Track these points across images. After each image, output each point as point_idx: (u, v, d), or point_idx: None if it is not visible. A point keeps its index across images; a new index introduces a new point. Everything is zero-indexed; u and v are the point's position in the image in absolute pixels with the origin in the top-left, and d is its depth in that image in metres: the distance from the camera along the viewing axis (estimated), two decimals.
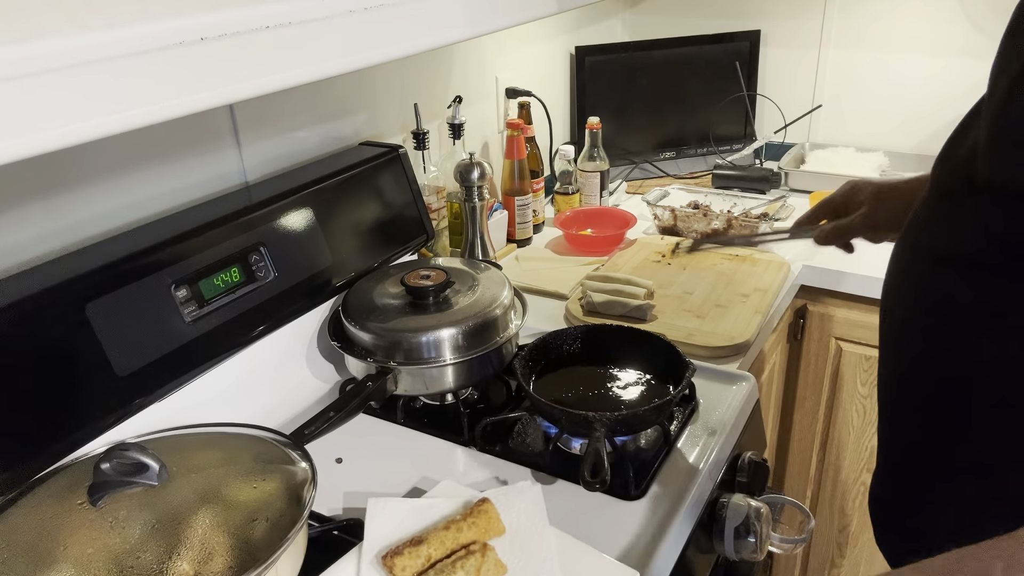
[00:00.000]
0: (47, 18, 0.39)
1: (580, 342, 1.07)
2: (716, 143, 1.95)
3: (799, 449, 1.66)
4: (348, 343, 1.04)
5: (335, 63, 0.58)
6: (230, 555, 0.66)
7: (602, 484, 0.82)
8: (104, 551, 0.64)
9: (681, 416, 1.01)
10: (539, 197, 1.64)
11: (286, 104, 1.15)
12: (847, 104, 1.91)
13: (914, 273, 0.74)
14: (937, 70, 1.76)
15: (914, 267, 0.75)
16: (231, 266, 0.96)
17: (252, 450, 0.78)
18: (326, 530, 0.82)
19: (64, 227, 0.90)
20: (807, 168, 1.82)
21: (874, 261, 1.46)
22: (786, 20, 1.93)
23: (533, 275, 1.44)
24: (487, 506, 0.78)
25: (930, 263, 0.72)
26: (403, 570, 0.72)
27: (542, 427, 0.99)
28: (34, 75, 0.39)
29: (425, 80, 1.43)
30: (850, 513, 1.63)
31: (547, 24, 1.79)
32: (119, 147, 0.94)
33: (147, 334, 0.87)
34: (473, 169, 1.27)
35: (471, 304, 1.03)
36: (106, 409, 0.82)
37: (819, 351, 1.54)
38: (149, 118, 0.45)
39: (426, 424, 1.02)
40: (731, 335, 1.19)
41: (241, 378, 1.01)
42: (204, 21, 0.47)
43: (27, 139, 0.40)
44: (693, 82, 1.95)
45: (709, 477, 0.92)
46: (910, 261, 0.76)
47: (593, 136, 1.67)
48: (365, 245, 1.16)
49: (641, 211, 1.66)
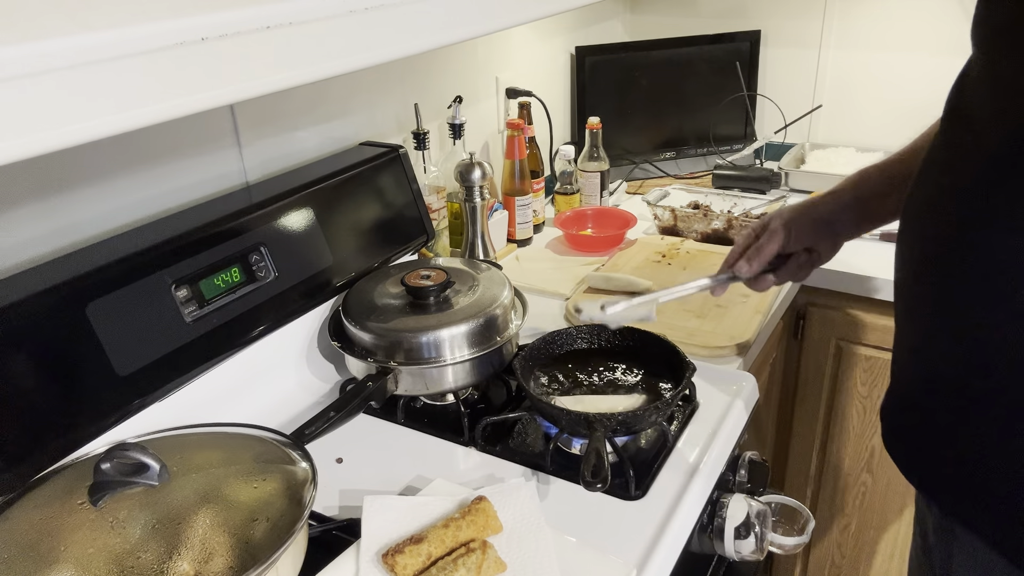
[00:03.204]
0: (47, 18, 0.39)
1: (581, 342, 1.07)
2: (716, 143, 1.95)
3: (799, 449, 1.66)
4: (348, 343, 1.04)
5: (335, 63, 0.58)
6: (230, 555, 0.66)
7: (602, 484, 0.82)
8: (104, 551, 0.64)
9: (681, 416, 1.01)
10: (539, 197, 1.64)
11: (286, 104, 1.15)
12: (847, 104, 1.91)
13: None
14: (937, 70, 1.76)
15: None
16: (231, 266, 0.96)
17: (252, 450, 0.78)
18: (326, 530, 0.82)
19: (64, 227, 0.90)
20: (807, 168, 1.82)
21: (874, 261, 1.46)
22: (786, 20, 1.93)
23: (533, 275, 1.44)
24: (484, 504, 0.78)
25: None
26: (404, 568, 0.72)
27: (542, 427, 0.99)
28: (34, 75, 0.39)
29: (425, 80, 1.43)
30: (850, 513, 1.63)
31: (547, 24, 1.79)
32: (119, 147, 0.94)
33: (147, 334, 0.87)
34: (473, 169, 1.27)
35: (471, 304, 1.03)
36: (106, 409, 0.82)
37: (819, 351, 1.54)
38: (149, 118, 0.45)
39: (426, 424, 1.02)
40: (731, 335, 1.19)
41: (241, 378, 1.01)
42: (205, 21, 0.47)
43: (27, 139, 0.40)
44: (693, 82, 1.95)
45: (709, 477, 0.92)
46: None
47: (593, 136, 1.67)
48: (365, 245, 1.17)
49: (641, 211, 1.66)
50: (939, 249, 0.73)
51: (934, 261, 0.73)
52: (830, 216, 0.97)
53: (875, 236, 1.54)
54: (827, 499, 1.65)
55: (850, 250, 1.50)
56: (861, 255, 1.48)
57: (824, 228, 0.97)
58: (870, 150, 1.81)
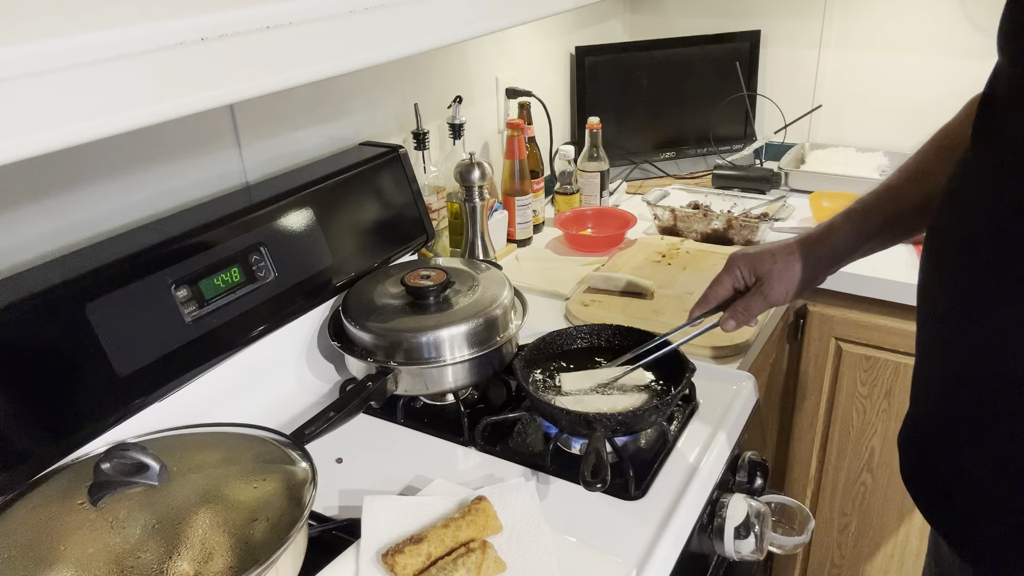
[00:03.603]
0: (47, 18, 0.39)
1: (580, 342, 1.07)
2: (716, 143, 1.95)
3: (799, 449, 1.66)
4: (348, 343, 1.04)
5: (335, 63, 0.58)
6: (230, 555, 0.66)
7: (602, 484, 0.82)
8: (104, 551, 0.64)
9: (681, 416, 1.01)
10: (539, 197, 1.64)
11: (286, 104, 1.15)
12: (847, 104, 1.91)
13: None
14: (937, 70, 1.76)
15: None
16: (231, 266, 0.96)
17: (252, 450, 0.78)
18: (326, 530, 0.82)
19: (64, 227, 0.90)
20: (807, 168, 1.82)
21: (874, 261, 1.46)
22: (786, 20, 1.93)
23: (533, 275, 1.44)
24: (484, 504, 0.78)
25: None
26: (404, 568, 0.72)
27: (542, 427, 0.99)
28: (34, 75, 0.39)
29: (425, 80, 1.43)
30: (850, 513, 1.63)
31: (547, 24, 1.79)
32: (119, 147, 0.94)
33: (147, 334, 0.87)
34: (473, 169, 1.27)
35: (471, 304, 1.03)
36: (106, 409, 0.82)
37: (819, 351, 1.54)
38: (149, 118, 0.45)
39: (426, 424, 1.02)
40: (731, 335, 1.19)
41: (241, 378, 1.01)
42: (204, 21, 0.47)
43: (27, 139, 0.40)
44: (693, 82, 1.95)
45: (709, 477, 0.92)
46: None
47: (593, 136, 1.67)
48: (365, 245, 1.17)
49: (641, 211, 1.66)
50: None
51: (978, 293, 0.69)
52: (785, 249, 0.95)
53: None
54: (827, 499, 1.65)
55: None
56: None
57: (768, 258, 0.95)
58: (870, 150, 1.81)
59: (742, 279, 0.97)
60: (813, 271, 0.95)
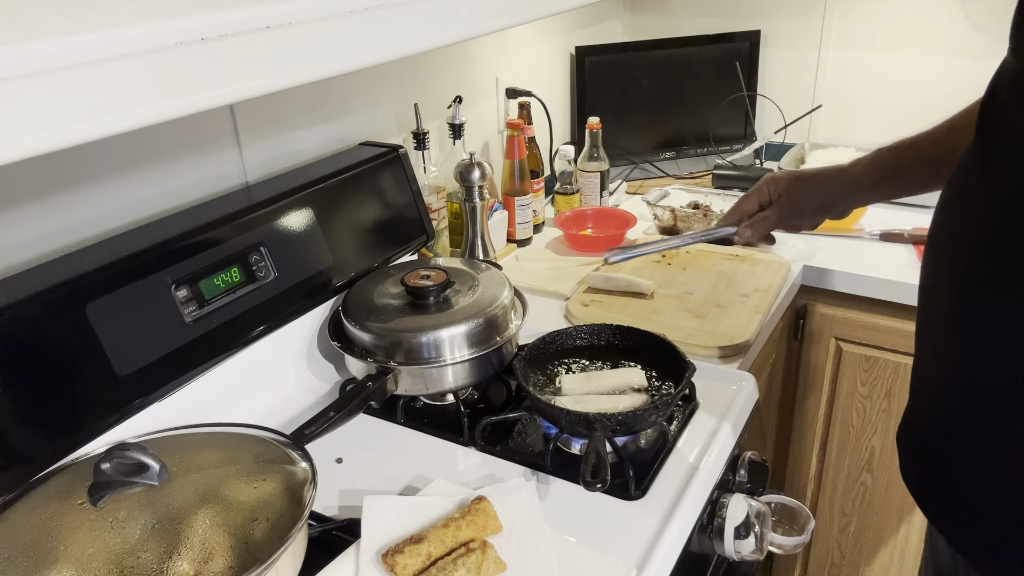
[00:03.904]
0: (47, 18, 0.39)
1: (580, 342, 1.07)
2: (716, 143, 1.95)
3: (799, 449, 1.66)
4: (348, 343, 1.04)
5: (335, 63, 0.58)
6: (230, 555, 0.66)
7: (602, 484, 0.82)
8: (104, 551, 0.64)
9: (681, 416, 1.01)
10: (539, 197, 1.64)
11: (286, 104, 1.15)
12: (847, 104, 1.91)
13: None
14: (937, 70, 1.76)
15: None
16: (231, 266, 0.96)
17: (252, 450, 0.78)
18: (326, 530, 0.82)
19: (64, 227, 0.90)
20: (807, 168, 1.82)
21: (874, 261, 1.46)
22: (786, 20, 1.93)
23: (533, 275, 1.44)
24: (484, 504, 0.78)
25: None
26: (404, 568, 0.72)
27: (542, 427, 0.99)
28: (34, 75, 0.39)
29: (425, 80, 1.43)
30: (850, 513, 1.63)
31: (547, 24, 1.79)
32: (119, 147, 0.94)
33: (147, 334, 0.87)
34: (473, 169, 1.27)
35: (471, 304, 1.03)
36: (106, 409, 0.82)
37: (819, 351, 1.54)
38: (149, 118, 0.45)
39: (426, 424, 1.02)
40: (731, 335, 1.19)
41: (241, 378, 1.01)
42: (204, 21, 0.47)
43: (27, 139, 0.40)
44: (693, 82, 1.95)
45: (709, 477, 0.92)
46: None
47: (593, 136, 1.67)
48: (365, 245, 1.17)
49: (641, 211, 1.66)
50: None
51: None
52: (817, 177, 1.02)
53: (875, 236, 1.54)
54: (827, 499, 1.65)
55: (850, 250, 1.51)
56: (861, 255, 1.49)
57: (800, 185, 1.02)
58: (870, 150, 1.81)
59: (768, 195, 1.05)
60: (828, 197, 1.02)
